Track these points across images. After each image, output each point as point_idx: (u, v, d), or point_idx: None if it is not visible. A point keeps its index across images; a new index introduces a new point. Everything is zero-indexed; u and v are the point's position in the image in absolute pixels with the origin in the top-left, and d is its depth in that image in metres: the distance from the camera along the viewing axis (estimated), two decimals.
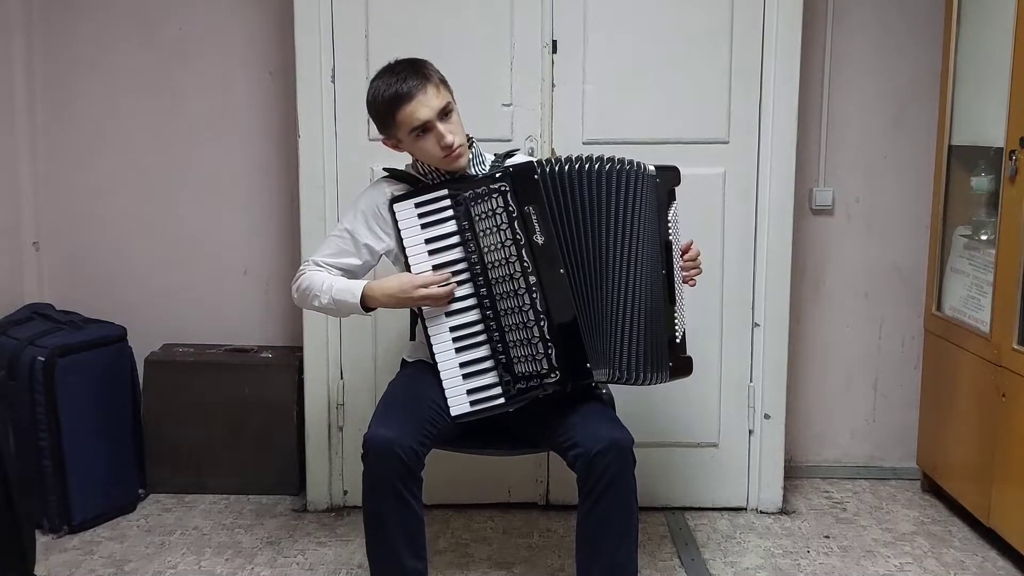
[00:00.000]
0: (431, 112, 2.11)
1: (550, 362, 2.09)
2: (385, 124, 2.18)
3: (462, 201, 2.13)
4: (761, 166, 2.84)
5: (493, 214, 2.11)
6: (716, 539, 2.79)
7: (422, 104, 2.11)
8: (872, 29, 3.13)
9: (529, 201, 2.10)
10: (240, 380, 3.03)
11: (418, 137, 2.15)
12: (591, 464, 2.04)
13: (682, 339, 2.23)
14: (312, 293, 2.21)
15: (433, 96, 2.12)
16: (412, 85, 2.11)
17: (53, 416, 2.74)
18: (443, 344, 2.14)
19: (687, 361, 2.24)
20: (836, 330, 3.26)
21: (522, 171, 2.13)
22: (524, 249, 2.09)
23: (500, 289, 2.11)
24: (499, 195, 2.10)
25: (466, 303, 2.14)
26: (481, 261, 2.12)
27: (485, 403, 2.13)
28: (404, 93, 2.11)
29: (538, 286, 2.09)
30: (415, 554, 2.09)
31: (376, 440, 2.02)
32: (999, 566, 2.63)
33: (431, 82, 2.13)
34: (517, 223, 2.10)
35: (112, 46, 3.12)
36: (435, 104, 2.12)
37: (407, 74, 2.13)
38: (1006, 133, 2.57)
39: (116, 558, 2.65)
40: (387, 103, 2.13)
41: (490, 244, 2.11)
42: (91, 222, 3.19)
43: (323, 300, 2.20)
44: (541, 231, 2.10)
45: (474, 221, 2.12)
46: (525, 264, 2.09)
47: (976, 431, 2.74)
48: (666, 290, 2.19)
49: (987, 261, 2.71)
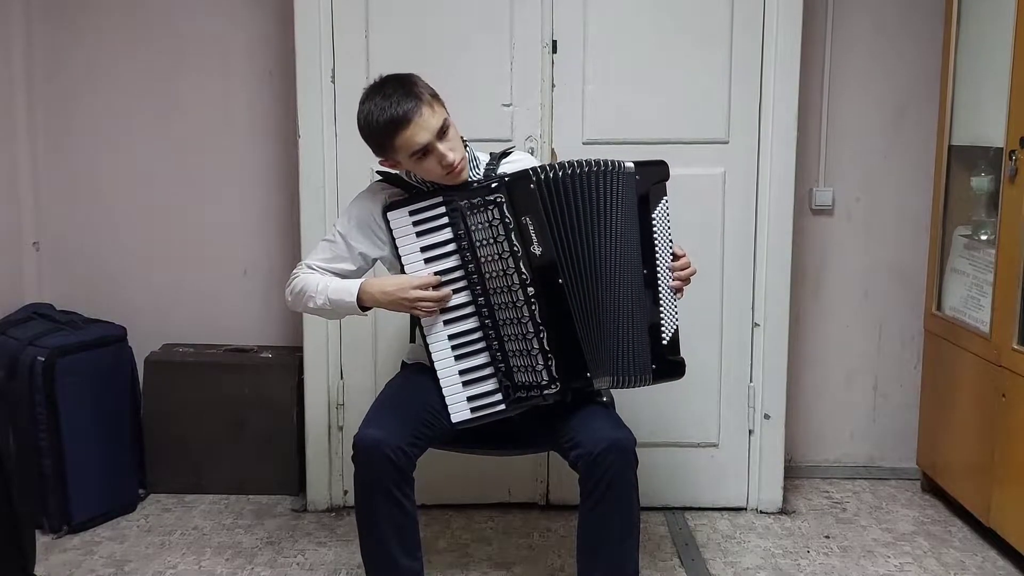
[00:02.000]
0: (430, 135, 2.05)
1: (550, 374, 2.09)
2: (382, 148, 2.11)
3: (457, 208, 2.10)
4: (761, 166, 2.84)
5: (490, 225, 2.08)
6: (716, 539, 2.79)
7: (420, 128, 2.04)
8: (872, 29, 3.13)
9: (526, 211, 2.07)
10: (240, 380, 3.03)
11: (419, 159, 2.08)
12: (593, 464, 2.03)
13: (672, 341, 2.17)
14: (307, 294, 2.18)
15: (429, 117, 2.05)
16: (408, 109, 2.03)
17: (53, 416, 2.74)
18: (442, 352, 2.13)
19: (676, 364, 2.17)
20: (836, 330, 3.26)
21: (518, 180, 2.10)
22: (522, 261, 2.08)
23: (498, 300, 2.10)
24: (495, 207, 2.08)
25: (464, 311, 2.12)
26: (479, 271, 2.10)
27: (486, 409, 2.12)
28: (400, 117, 2.03)
29: (536, 298, 2.08)
30: (409, 553, 2.09)
31: (365, 441, 2.02)
32: (999, 566, 2.63)
33: (424, 102, 2.05)
34: (514, 234, 2.07)
35: (112, 46, 3.12)
36: (433, 125, 2.05)
37: (399, 97, 2.04)
38: (1006, 133, 2.57)
39: (116, 558, 2.65)
40: (383, 129, 2.05)
41: (487, 255, 2.09)
42: (91, 222, 3.19)
43: (318, 301, 2.17)
44: (539, 242, 2.08)
45: (471, 230, 2.09)
46: (523, 276, 2.08)
47: (976, 431, 2.74)
48: (648, 290, 2.14)
49: (987, 261, 2.71)
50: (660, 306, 2.15)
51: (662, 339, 2.16)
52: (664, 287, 2.16)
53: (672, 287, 2.17)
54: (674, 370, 2.18)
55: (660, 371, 2.16)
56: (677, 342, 2.18)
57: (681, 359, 2.18)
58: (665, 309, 2.16)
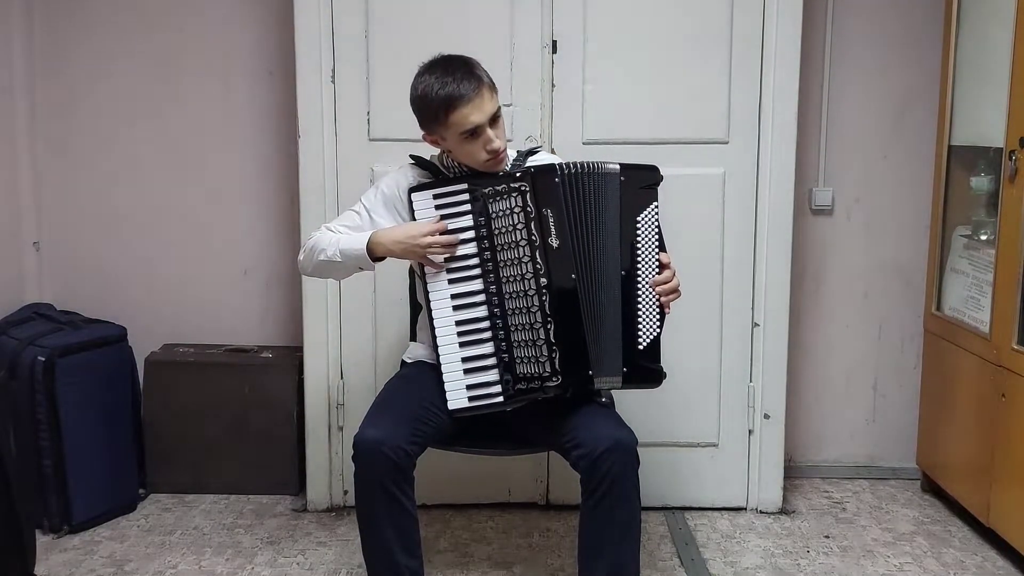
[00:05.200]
0: (484, 117, 2.09)
1: (553, 366, 2.09)
2: (433, 122, 2.13)
3: (480, 197, 2.13)
4: (761, 166, 2.84)
5: (511, 212, 2.10)
6: (716, 539, 2.79)
7: (477, 108, 2.08)
8: (872, 29, 3.13)
9: (548, 203, 2.10)
10: (240, 380, 3.03)
11: (466, 139, 2.11)
12: (596, 464, 2.03)
13: (649, 347, 2.14)
14: (319, 248, 2.21)
15: (487, 100, 2.09)
16: (469, 88, 2.07)
17: (53, 416, 2.74)
18: (448, 337, 2.14)
19: (650, 371, 2.14)
20: (836, 330, 3.26)
21: (543, 172, 2.13)
22: (538, 251, 2.09)
23: (510, 288, 2.11)
24: (518, 194, 2.10)
25: (475, 298, 2.14)
26: (494, 258, 2.12)
27: (483, 400, 2.13)
28: (460, 95, 2.07)
29: (548, 289, 2.09)
30: (409, 552, 2.10)
31: (365, 441, 2.03)
32: (999, 566, 2.63)
33: (485, 86, 2.10)
34: (534, 224, 2.10)
35: (112, 46, 3.12)
36: (488, 109, 2.09)
37: (463, 75, 2.08)
38: (1006, 133, 2.57)
39: (116, 558, 2.65)
40: (441, 102, 2.08)
41: (505, 242, 2.11)
42: (91, 222, 3.19)
43: (329, 252, 2.19)
44: (557, 234, 2.10)
45: (491, 218, 2.12)
46: (538, 265, 2.09)
47: (976, 431, 2.75)
48: (626, 291, 2.13)
49: (987, 261, 2.71)
50: (639, 309, 2.14)
51: (638, 343, 2.14)
52: (643, 292, 2.14)
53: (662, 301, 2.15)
54: (647, 376, 2.15)
55: (631, 375, 2.14)
56: (656, 350, 2.15)
57: (658, 367, 2.15)
58: (644, 313, 2.14)
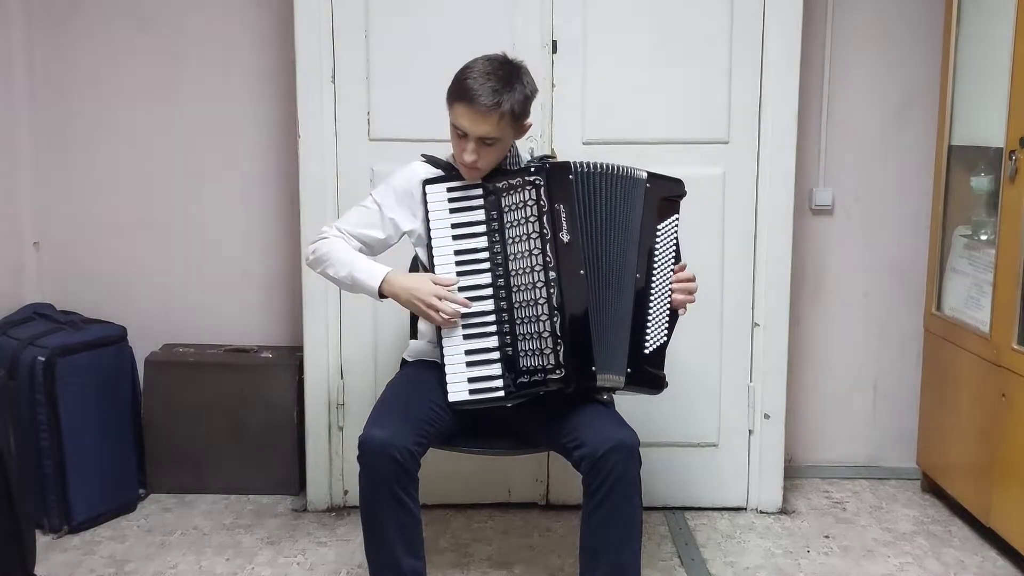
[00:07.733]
0: (474, 131, 2.10)
1: (557, 359, 2.09)
2: (449, 98, 2.15)
3: (494, 192, 2.15)
4: (761, 166, 2.84)
5: (524, 206, 2.12)
6: (716, 539, 2.79)
7: (473, 120, 2.08)
8: (872, 29, 3.13)
9: (560, 199, 2.11)
10: (240, 380, 3.03)
11: (455, 133, 2.15)
12: (598, 464, 2.03)
13: (655, 352, 2.19)
14: (330, 261, 2.21)
15: (487, 123, 2.08)
16: (484, 100, 2.06)
17: (53, 416, 2.74)
18: (453, 329, 2.14)
19: (652, 376, 2.18)
20: (836, 330, 3.26)
21: (557, 168, 2.15)
22: (549, 245, 2.10)
23: (518, 281, 2.12)
24: (532, 188, 2.11)
25: (482, 292, 2.15)
26: (504, 252, 2.13)
27: (484, 394, 2.13)
28: (470, 98, 2.07)
29: (557, 283, 2.10)
30: (413, 553, 2.10)
31: (371, 442, 2.02)
32: (999, 566, 2.63)
33: (499, 113, 2.07)
34: (546, 218, 2.11)
35: (112, 46, 3.12)
36: (481, 130, 2.09)
37: (495, 84, 2.08)
38: (1006, 133, 2.57)
39: (116, 558, 2.65)
40: (457, 89, 2.11)
41: (516, 235, 2.13)
42: (91, 222, 3.19)
43: (340, 272, 2.20)
44: (568, 230, 2.11)
45: (503, 211, 2.14)
46: (548, 259, 2.10)
47: (976, 431, 2.75)
48: (640, 296, 2.17)
49: (987, 261, 2.71)
50: (649, 314, 2.18)
51: (644, 347, 2.18)
52: (655, 297, 2.19)
53: (671, 294, 2.20)
54: (650, 381, 2.19)
55: (634, 377, 2.17)
56: (661, 357, 2.20)
57: (661, 374, 2.20)
58: (654, 320, 2.19)
